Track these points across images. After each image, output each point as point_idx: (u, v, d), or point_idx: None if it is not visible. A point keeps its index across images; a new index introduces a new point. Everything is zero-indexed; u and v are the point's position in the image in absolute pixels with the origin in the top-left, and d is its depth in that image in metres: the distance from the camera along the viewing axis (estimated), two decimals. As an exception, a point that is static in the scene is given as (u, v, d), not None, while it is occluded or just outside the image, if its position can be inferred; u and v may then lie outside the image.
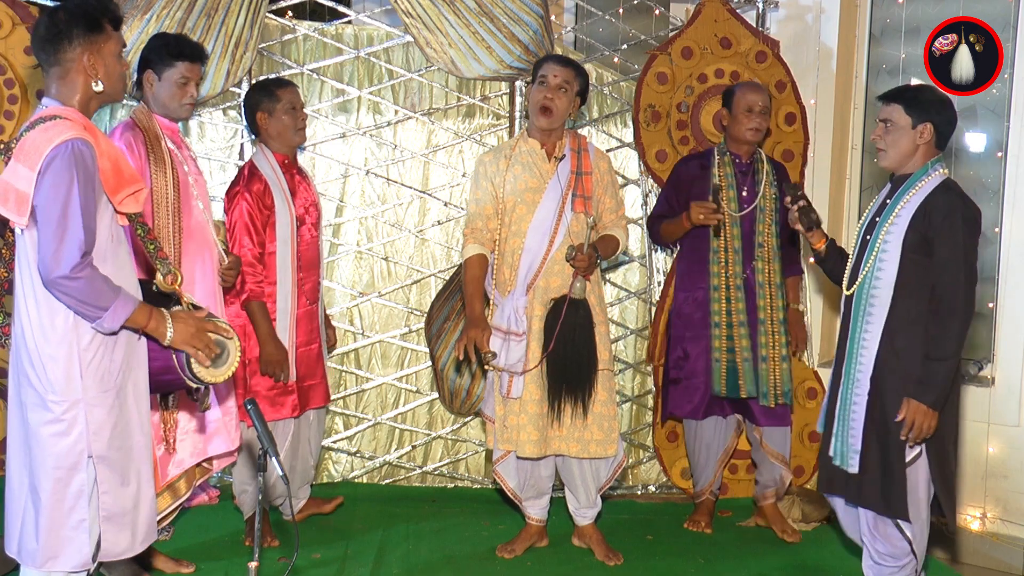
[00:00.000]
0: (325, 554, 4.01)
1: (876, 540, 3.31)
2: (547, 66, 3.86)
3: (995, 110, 4.83)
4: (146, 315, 2.64)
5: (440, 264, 4.82)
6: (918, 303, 3.15)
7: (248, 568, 2.71)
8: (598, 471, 3.99)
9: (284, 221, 3.85)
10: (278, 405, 3.92)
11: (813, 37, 5.09)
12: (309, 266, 3.97)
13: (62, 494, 2.65)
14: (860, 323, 3.25)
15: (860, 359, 3.24)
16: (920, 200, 3.17)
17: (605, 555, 4.03)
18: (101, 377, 2.66)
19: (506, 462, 3.98)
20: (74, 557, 2.68)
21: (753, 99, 4.16)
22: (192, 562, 3.80)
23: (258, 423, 2.74)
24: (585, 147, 3.94)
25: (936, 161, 3.23)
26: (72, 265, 2.50)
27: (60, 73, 2.66)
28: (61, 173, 2.51)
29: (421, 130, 4.78)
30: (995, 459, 4.70)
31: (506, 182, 3.84)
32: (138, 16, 4.16)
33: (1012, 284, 4.72)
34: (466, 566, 3.99)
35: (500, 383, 3.86)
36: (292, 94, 3.95)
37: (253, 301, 3.80)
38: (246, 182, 3.83)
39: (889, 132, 3.23)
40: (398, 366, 4.85)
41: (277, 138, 3.92)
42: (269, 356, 3.82)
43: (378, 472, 4.86)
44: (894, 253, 3.17)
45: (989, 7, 4.74)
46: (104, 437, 2.68)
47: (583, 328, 3.80)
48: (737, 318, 4.19)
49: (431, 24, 4.47)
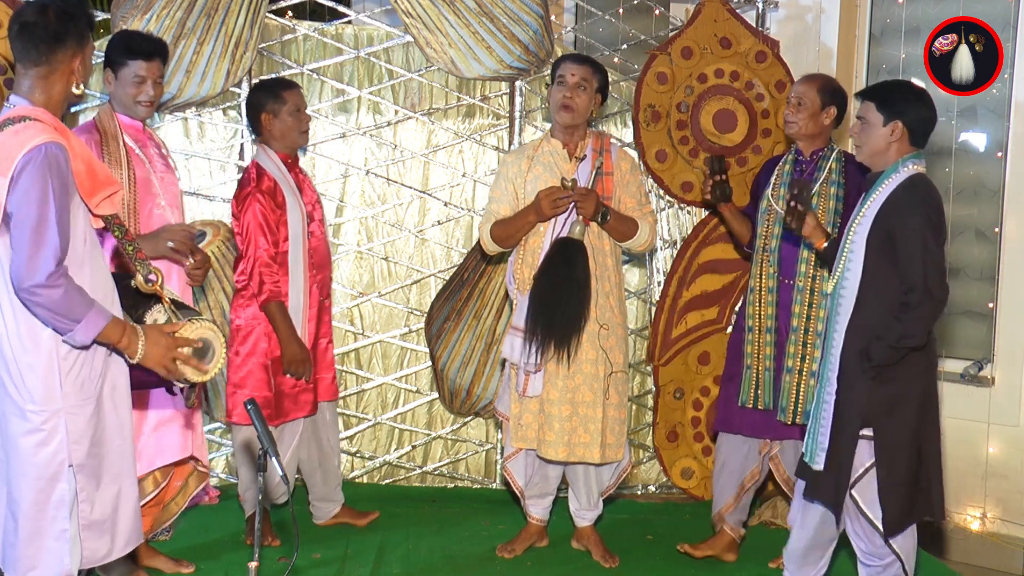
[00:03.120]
0: (325, 554, 4.01)
1: (859, 539, 3.30)
2: (564, 65, 3.87)
3: (995, 110, 4.83)
4: (119, 331, 2.56)
5: (440, 264, 4.82)
6: (883, 301, 3.12)
7: (248, 568, 2.70)
8: (602, 474, 3.99)
9: (296, 218, 3.86)
10: (301, 404, 3.94)
11: (813, 37, 5.09)
12: (322, 262, 4.00)
13: (43, 504, 2.59)
14: (832, 322, 3.25)
15: (831, 358, 3.23)
16: (884, 198, 3.15)
17: (602, 556, 4.04)
18: (80, 386, 2.60)
19: (516, 459, 3.98)
20: (55, 568, 2.62)
21: (795, 91, 3.97)
22: (192, 562, 3.80)
23: (258, 423, 2.73)
24: (608, 147, 3.93)
25: (911, 157, 3.19)
26: (48, 273, 2.42)
27: (44, 73, 2.57)
28: (35, 179, 2.43)
29: (421, 130, 4.78)
30: (995, 459, 4.70)
31: (527, 183, 3.85)
32: (138, 16, 4.15)
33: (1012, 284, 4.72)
34: (466, 566, 3.99)
35: (516, 380, 3.86)
36: (297, 96, 3.95)
37: (272, 302, 3.80)
38: (256, 183, 3.82)
39: (863, 129, 3.23)
40: (398, 366, 4.85)
41: (281, 139, 3.93)
42: (293, 356, 3.82)
43: (378, 472, 4.86)
44: (859, 252, 3.16)
45: (989, 7, 4.74)
46: (84, 446, 2.62)
47: (568, 264, 3.72)
48: (764, 323, 3.91)
49: (431, 24, 4.47)
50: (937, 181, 4.98)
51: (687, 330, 4.77)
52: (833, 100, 3.90)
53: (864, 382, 3.14)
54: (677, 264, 4.75)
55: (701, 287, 4.76)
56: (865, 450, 3.17)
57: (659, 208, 4.81)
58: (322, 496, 4.25)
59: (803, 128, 3.88)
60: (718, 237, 4.72)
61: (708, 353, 4.77)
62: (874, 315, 3.13)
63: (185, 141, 4.62)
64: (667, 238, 4.84)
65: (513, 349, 3.81)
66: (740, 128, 4.72)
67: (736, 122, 4.71)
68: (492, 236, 3.87)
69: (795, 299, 3.86)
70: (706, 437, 4.80)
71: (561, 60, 3.95)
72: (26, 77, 2.59)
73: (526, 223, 3.82)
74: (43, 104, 2.58)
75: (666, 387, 4.78)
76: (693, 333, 4.78)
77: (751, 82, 4.72)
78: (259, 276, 3.78)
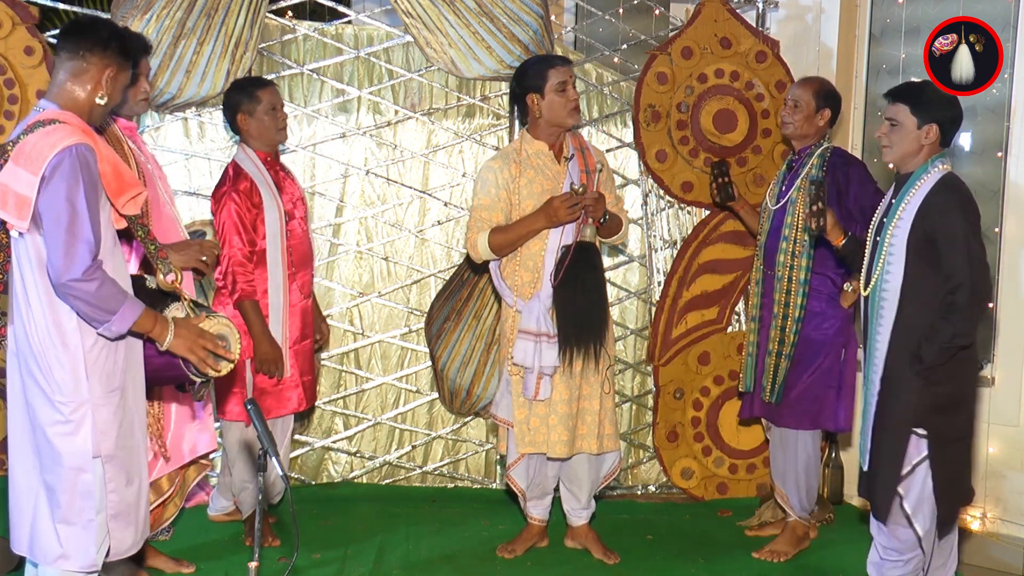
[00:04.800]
0: (325, 554, 4.01)
1: (881, 533, 3.33)
2: (560, 71, 3.83)
3: (995, 110, 4.82)
4: (151, 320, 2.68)
5: (440, 264, 4.82)
6: (927, 303, 3.15)
7: (248, 568, 2.71)
8: (599, 470, 4.00)
9: (273, 217, 3.85)
10: (284, 400, 3.94)
11: (813, 37, 5.08)
12: (302, 261, 3.98)
13: (71, 494, 2.69)
14: (874, 325, 3.27)
15: (874, 360, 3.26)
16: (920, 199, 3.17)
17: (603, 554, 4.04)
18: (106, 378, 2.70)
19: (518, 466, 3.97)
20: (82, 558, 2.71)
21: (791, 93, 4.10)
22: (192, 562, 3.81)
23: (258, 423, 2.74)
24: (586, 145, 3.98)
25: (938, 157, 3.23)
26: (84, 268, 2.53)
27: (76, 71, 2.68)
28: (67, 178, 2.53)
29: (421, 130, 4.78)
30: (995, 459, 4.70)
31: (521, 188, 3.84)
32: (138, 16, 4.16)
33: (1012, 284, 4.72)
34: (466, 566, 3.99)
35: (525, 386, 3.84)
36: (272, 94, 3.94)
37: (246, 300, 3.81)
38: (232, 182, 3.83)
39: (894, 131, 3.23)
40: (398, 366, 4.85)
41: (259, 138, 3.93)
42: (264, 354, 3.82)
43: (378, 472, 4.86)
44: (899, 255, 3.18)
45: (989, 7, 4.74)
46: (111, 437, 2.72)
47: (593, 269, 3.83)
48: (751, 312, 4.16)
49: (431, 24, 4.47)
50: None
51: (687, 330, 4.78)
52: (828, 103, 4.06)
53: (915, 383, 3.15)
54: (677, 264, 4.75)
55: (701, 287, 4.77)
56: (912, 449, 3.19)
57: (659, 208, 4.81)
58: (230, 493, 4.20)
59: (798, 129, 4.04)
60: (718, 237, 4.72)
61: (708, 353, 4.77)
62: (918, 317, 3.15)
63: (185, 141, 4.62)
64: (667, 238, 4.84)
65: (526, 353, 3.78)
66: (740, 128, 4.72)
67: (736, 122, 4.72)
68: (491, 244, 3.82)
69: (775, 287, 4.02)
70: (706, 437, 4.80)
71: (549, 66, 3.86)
72: (60, 71, 2.70)
73: (532, 231, 3.80)
74: (72, 108, 2.68)
75: (666, 387, 4.78)
76: (693, 333, 4.78)
77: (751, 82, 4.73)
78: (232, 275, 3.79)
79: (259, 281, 3.84)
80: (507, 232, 3.81)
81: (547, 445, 3.85)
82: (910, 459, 3.21)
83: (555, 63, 3.89)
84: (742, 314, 4.84)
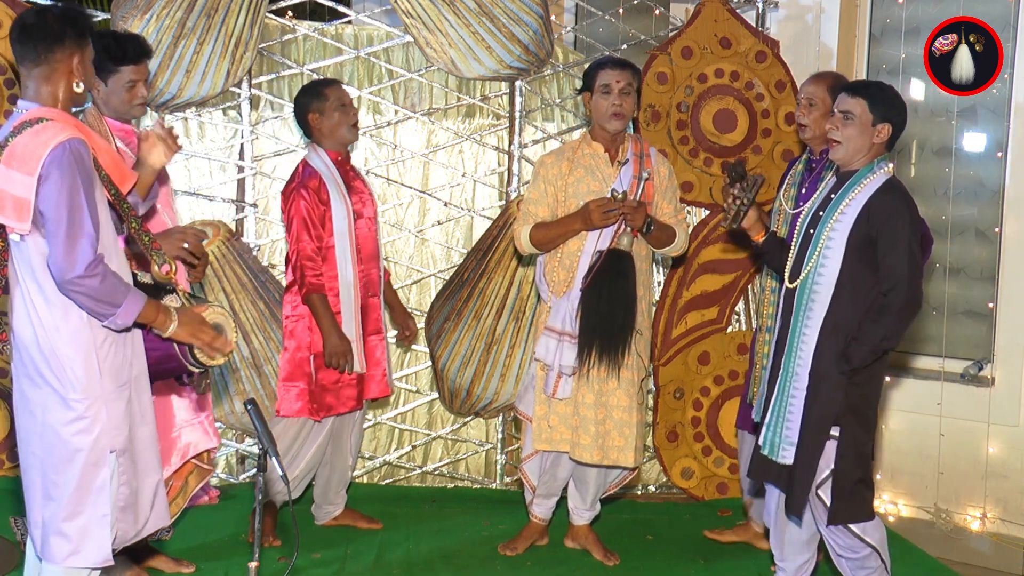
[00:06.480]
0: (325, 554, 4.01)
1: (832, 534, 3.31)
2: (607, 73, 3.81)
3: (995, 110, 4.83)
4: (154, 310, 2.68)
5: (440, 264, 4.82)
6: (858, 301, 3.15)
7: (248, 568, 2.71)
8: (611, 475, 4.01)
9: (341, 215, 3.89)
10: (343, 399, 3.97)
11: (813, 37, 5.09)
12: (369, 258, 4.02)
13: (86, 490, 2.69)
14: (801, 317, 3.24)
15: (800, 353, 3.24)
16: (864, 199, 3.16)
17: (603, 555, 4.04)
18: (116, 372, 2.72)
19: (532, 461, 3.98)
20: (95, 554, 2.72)
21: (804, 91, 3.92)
22: (192, 562, 3.81)
23: (258, 423, 2.74)
24: (647, 152, 3.91)
25: (883, 159, 3.23)
26: (87, 263, 2.53)
27: (45, 73, 2.65)
28: (64, 174, 2.53)
29: (421, 130, 4.78)
30: (995, 459, 4.70)
31: (568, 185, 3.83)
32: (138, 16, 4.15)
33: (1012, 284, 4.73)
34: (466, 566, 4.00)
35: (546, 382, 3.85)
36: (339, 91, 3.98)
37: (314, 294, 3.84)
38: (301, 179, 3.88)
39: (847, 125, 3.21)
40: (398, 366, 4.84)
41: (330, 136, 3.95)
42: (333, 348, 3.85)
43: (378, 472, 4.86)
44: (837, 251, 3.17)
45: (989, 7, 4.74)
46: (124, 431, 2.74)
47: (622, 277, 3.74)
48: (765, 322, 3.94)
49: (431, 24, 4.47)
50: (937, 181, 5.03)
51: (687, 330, 4.78)
52: None
53: (840, 382, 3.16)
54: (677, 264, 4.75)
55: (701, 287, 4.77)
56: (831, 450, 3.19)
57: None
58: (326, 495, 4.25)
59: (815, 128, 3.82)
60: (718, 237, 4.72)
61: (708, 353, 4.77)
62: (849, 315, 3.16)
63: (185, 141, 4.62)
64: (667, 238, 4.84)
65: (548, 350, 3.80)
66: (740, 128, 4.72)
67: (736, 122, 4.72)
68: (531, 239, 3.84)
69: None
70: (706, 437, 4.80)
71: (600, 67, 3.86)
72: (30, 79, 2.67)
73: (570, 231, 3.79)
74: (53, 104, 2.67)
75: (666, 387, 4.79)
76: (693, 333, 4.78)
77: (751, 82, 4.73)
78: (301, 269, 3.84)
79: (327, 278, 3.87)
80: (548, 229, 3.82)
81: (570, 445, 3.84)
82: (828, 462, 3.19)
83: (607, 65, 3.86)
84: (742, 314, 4.85)
